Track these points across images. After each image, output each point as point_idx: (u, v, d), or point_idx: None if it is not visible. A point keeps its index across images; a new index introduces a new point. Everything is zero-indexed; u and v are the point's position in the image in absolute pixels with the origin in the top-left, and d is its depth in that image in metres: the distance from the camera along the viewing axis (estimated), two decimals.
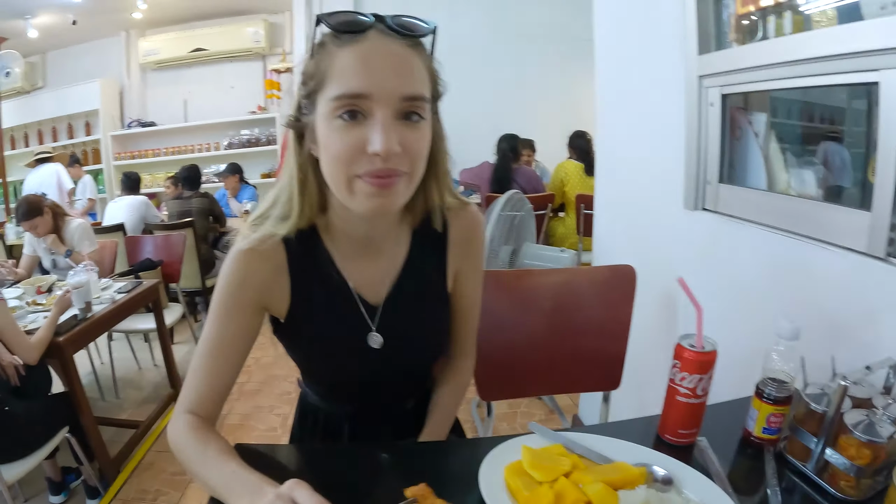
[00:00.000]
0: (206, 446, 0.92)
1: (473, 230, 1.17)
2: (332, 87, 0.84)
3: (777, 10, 1.43)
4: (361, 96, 0.82)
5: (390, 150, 0.81)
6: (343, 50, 0.84)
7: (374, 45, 0.84)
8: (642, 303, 1.77)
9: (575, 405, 3.14)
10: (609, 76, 2.42)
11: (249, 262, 0.99)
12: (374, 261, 1.08)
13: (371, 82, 0.82)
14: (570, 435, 1.02)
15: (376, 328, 1.08)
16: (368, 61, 0.83)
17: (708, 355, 1.01)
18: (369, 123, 0.83)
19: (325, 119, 0.86)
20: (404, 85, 0.84)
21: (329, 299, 1.06)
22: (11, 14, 6.23)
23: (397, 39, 0.85)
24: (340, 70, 0.83)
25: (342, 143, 0.84)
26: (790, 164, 1.59)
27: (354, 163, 0.84)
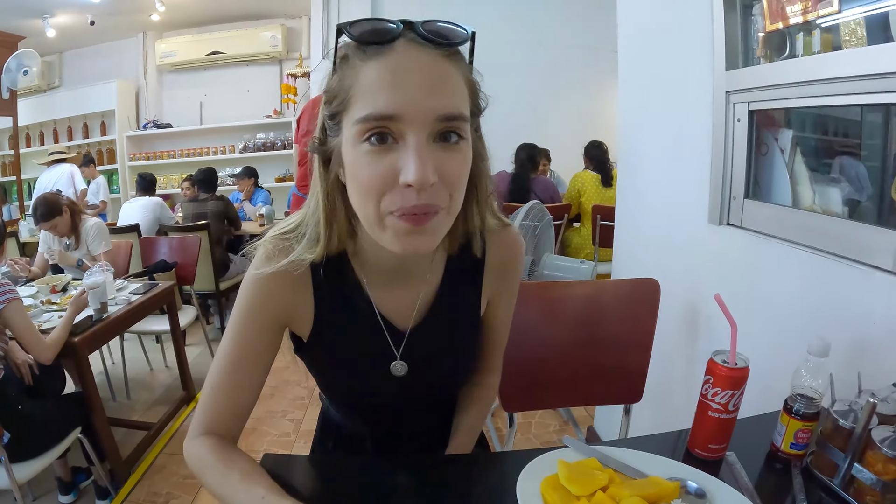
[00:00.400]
0: (231, 468, 0.89)
1: (514, 254, 1.09)
2: (358, 107, 0.74)
3: (806, 28, 1.43)
4: (391, 118, 0.72)
5: (425, 180, 0.71)
6: (368, 64, 0.74)
7: (404, 57, 0.73)
8: (663, 316, 1.78)
9: (590, 417, 3.13)
10: (633, 89, 2.42)
11: (273, 285, 0.93)
12: (404, 287, 1.01)
13: (401, 101, 0.72)
14: (603, 449, 1.02)
15: (401, 356, 1.02)
16: (397, 76, 0.72)
17: (741, 371, 1.01)
18: (401, 148, 0.73)
19: (351, 143, 0.77)
20: (440, 103, 0.73)
21: (353, 325, 1.00)
22: (30, 13, 6.30)
23: (430, 49, 0.74)
24: (366, 88, 0.74)
25: (370, 171, 0.74)
26: (815, 181, 1.58)
27: (385, 195, 0.75)
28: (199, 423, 0.97)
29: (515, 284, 1.15)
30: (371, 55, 0.74)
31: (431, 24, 0.75)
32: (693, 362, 1.95)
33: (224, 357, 0.96)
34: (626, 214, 2.58)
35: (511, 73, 6.20)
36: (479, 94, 0.84)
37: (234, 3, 6.95)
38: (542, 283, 1.79)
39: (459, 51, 0.79)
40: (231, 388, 0.97)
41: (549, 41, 6.67)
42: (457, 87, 0.77)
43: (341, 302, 0.98)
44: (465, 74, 0.79)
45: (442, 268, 1.04)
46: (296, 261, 0.90)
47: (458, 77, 0.77)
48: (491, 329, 1.18)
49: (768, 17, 1.55)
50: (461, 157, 0.78)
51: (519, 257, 1.11)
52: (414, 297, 1.02)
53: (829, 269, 1.34)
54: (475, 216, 0.95)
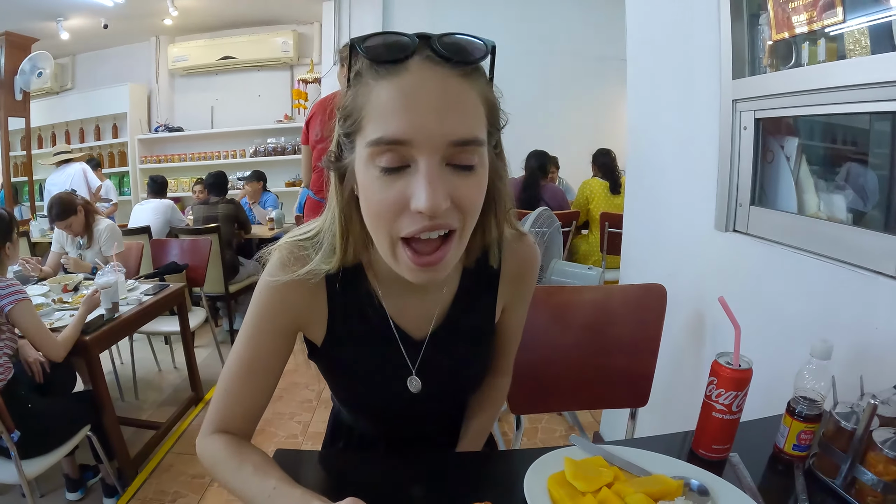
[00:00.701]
0: (243, 461, 0.90)
1: (530, 263, 1.09)
2: (370, 129, 0.72)
3: (811, 38, 1.45)
4: (402, 143, 0.70)
5: (437, 208, 0.70)
6: (380, 84, 0.71)
7: (417, 77, 0.70)
8: (669, 321, 1.79)
9: (596, 422, 3.14)
10: (641, 97, 2.45)
11: (288, 291, 0.92)
12: (420, 298, 1.00)
13: (413, 126, 0.69)
14: (609, 448, 1.03)
15: (417, 370, 1.02)
16: (409, 99, 0.70)
17: (744, 373, 1.03)
18: (412, 173, 0.72)
19: (363, 164, 0.75)
20: (453, 127, 0.71)
21: (368, 335, 0.99)
22: (44, 16, 6.35)
23: (446, 68, 0.71)
24: (377, 109, 0.72)
25: (381, 197, 0.73)
26: (820, 188, 1.60)
27: (396, 220, 0.74)
28: (212, 421, 0.99)
29: (530, 292, 1.15)
30: (384, 74, 0.72)
31: (449, 38, 0.72)
32: (699, 368, 1.96)
33: (237, 360, 0.97)
34: (634, 221, 2.60)
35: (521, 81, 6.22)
36: (498, 111, 0.81)
37: (246, 8, 7.00)
38: (550, 287, 1.80)
39: (479, 66, 0.76)
40: (244, 392, 0.98)
41: (558, 51, 6.69)
42: (472, 110, 0.74)
43: (356, 312, 0.98)
44: (483, 93, 0.76)
45: (458, 279, 1.03)
46: (313, 270, 0.90)
47: (475, 97, 0.74)
48: (504, 333, 1.18)
49: (774, 26, 1.57)
50: (475, 183, 0.76)
51: (535, 266, 1.11)
52: (429, 309, 1.02)
53: (833, 275, 1.35)
54: (493, 229, 0.94)
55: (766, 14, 1.60)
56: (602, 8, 6.18)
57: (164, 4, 6.39)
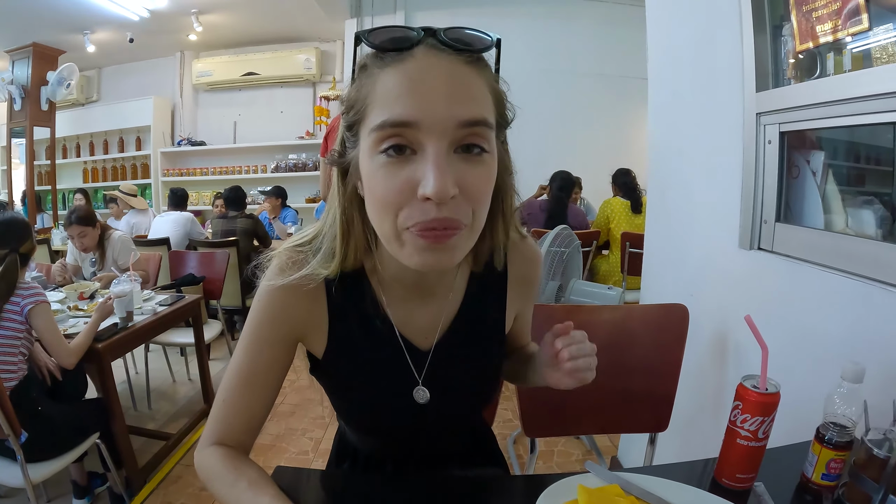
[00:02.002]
0: (239, 476, 0.87)
1: (534, 266, 1.08)
2: (374, 115, 0.71)
3: (837, 48, 1.41)
4: (408, 124, 0.68)
5: (444, 193, 0.67)
6: (386, 71, 0.71)
7: (423, 62, 0.70)
8: (691, 343, 1.73)
9: (614, 446, 3.06)
10: (662, 112, 2.41)
11: (285, 297, 0.90)
12: (425, 305, 0.98)
13: (419, 106, 0.68)
14: (626, 476, 0.98)
15: (423, 380, 0.98)
16: (416, 81, 0.69)
17: (772, 397, 0.97)
18: (419, 159, 0.70)
19: (367, 154, 0.73)
20: (461, 108, 0.69)
21: (372, 345, 0.96)
22: (71, 28, 6.53)
23: (452, 55, 0.71)
24: (382, 94, 0.70)
25: (387, 184, 0.71)
26: (848, 203, 1.55)
27: (402, 209, 0.71)
28: (210, 433, 0.96)
29: (537, 292, 1.13)
30: (389, 62, 0.71)
31: (454, 30, 0.72)
32: (721, 392, 1.89)
33: (235, 370, 0.95)
34: (656, 239, 2.54)
35: (542, 100, 6.22)
36: (505, 104, 0.80)
37: (269, 25, 7.14)
38: (569, 306, 1.76)
39: (484, 58, 0.75)
40: (242, 402, 0.95)
41: (580, 70, 6.70)
42: (480, 94, 0.72)
43: (358, 320, 0.95)
44: (491, 83, 0.75)
45: (464, 285, 1.01)
46: (309, 275, 0.88)
47: (482, 84, 0.73)
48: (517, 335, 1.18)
49: (798, 37, 1.53)
50: (485, 171, 0.73)
51: (539, 268, 1.10)
52: (436, 316, 0.99)
53: (864, 293, 1.29)
54: (500, 231, 0.91)
55: (789, 25, 1.56)
56: (623, 26, 6.18)
57: (188, 20, 6.54)
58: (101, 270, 3.65)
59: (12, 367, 2.14)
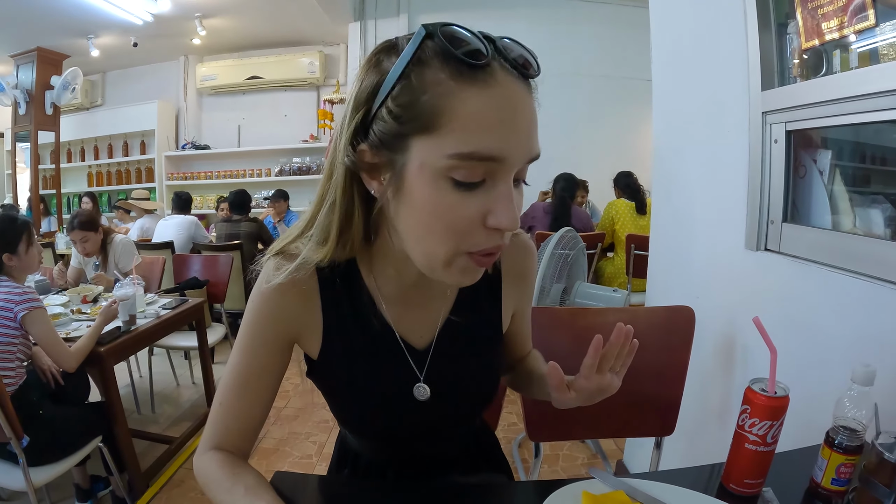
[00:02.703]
0: (236, 482, 0.86)
1: (526, 257, 1.06)
2: (454, 138, 0.65)
3: (843, 45, 1.39)
4: (496, 159, 0.66)
5: (517, 226, 0.69)
6: (468, 90, 0.65)
7: (507, 90, 0.67)
8: (698, 346, 1.71)
9: (620, 450, 3.04)
10: (667, 113, 2.39)
11: (279, 296, 0.89)
12: (421, 302, 0.96)
13: (510, 143, 0.66)
14: (632, 482, 0.96)
15: (423, 377, 0.97)
16: (507, 114, 0.66)
17: (781, 401, 0.95)
18: (489, 190, 0.68)
19: (429, 174, 0.68)
20: (535, 145, 0.70)
21: (369, 345, 0.94)
22: (75, 33, 6.56)
23: (520, 82, 0.69)
24: (470, 119, 0.65)
25: (457, 213, 0.68)
26: (856, 203, 1.53)
27: (467, 236, 0.70)
28: (208, 438, 0.95)
29: (533, 287, 1.12)
30: (467, 77, 0.65)
31: (518, 52, 0.70)
32: (728, 395, 1.87)
33: (231, 373, 0.94)
34: (661, 240, 2.52)
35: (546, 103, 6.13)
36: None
37: (273, 29, 7.16)
38: (574, 309, 1.74)
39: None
40: (239, 405, 0.94)
41: (584, 73, 6.68)
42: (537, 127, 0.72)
43: (353, 318, 0.94)
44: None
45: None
46: (302, 264, 0.84)
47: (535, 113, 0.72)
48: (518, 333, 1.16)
49: (804, 34, 1.51)
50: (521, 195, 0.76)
51: (533, 260, 1.08)
52: (432, 314, 0.98)
53: (874, 294, 1.27)
54: None
55: (794, 22, 1.55)
56: (627, 28, 6.16)
57: (192, 24, 6.58)
58: (105, 272, 3.64)
59: (10, 373, 2.13)
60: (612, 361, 0.90)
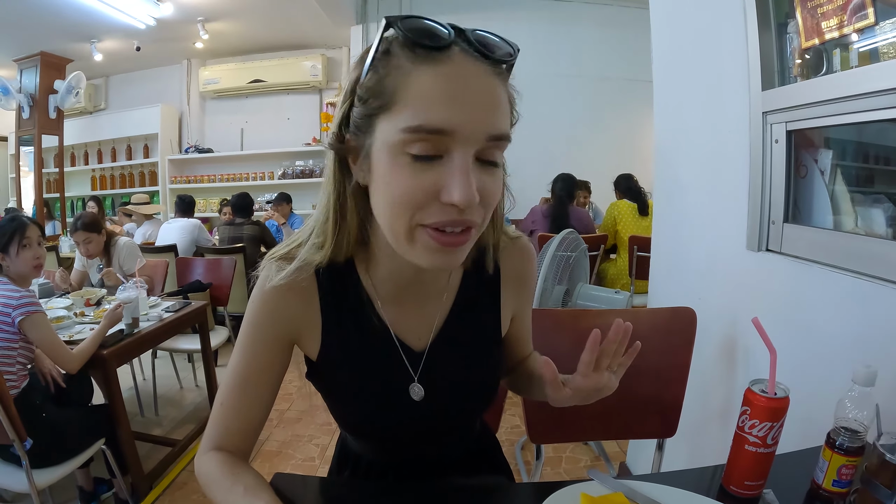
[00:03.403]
0: (236, 482, 0.86)
1: (528, 262, 1.07)
2: (406, 114, 0.69)
3: (843, 44, 1.39)
4: (443, 132, 0.68)
5: (471, 201, 0.69)
6: (421, 69, 0.69)
7: (461, 68, 0.70)
8: (699, 347, 1.71)
9: (623, 452, 3.03)
10: (668, 114, 2.39)
11: (278, 298, 0.90)
12: (419, 303, 0.97)
13: (459, 116, 0.68)
14: (631, 483, 0.96)
15: (418, 377, 0.97)
16: (455, 87, 0.69)
17: (781, 402, 0.94)
18: (446, 165, 0.70)
19: (388, 150, 0.71)
20: (492, 122, 0.71)
21: (366, 345, 0.96)
22: (78, 37, 6.57)
23: (483, 63, 0.71)
24: (418, 95, 0.69)
25: (411, 185, 0.70)
26: (857, 203, 1.52)
27: (422, 209, 0.71)
28: (209, 438, 0.96)
29: (534, 291, 1.12)
30: (423, 59, 0.69)
31: (483, 36, 0.72)
32: (730, 396, 1.87)
33: (232, 374, 0.95)
34: (663, 242, 2.52)
35: (547, 105, 6.21)
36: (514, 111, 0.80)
37: (275, 33, 7.17)
38: (576, 311, 1.74)
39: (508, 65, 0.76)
40: (239, 405, 0.95)
41: (585, 74, 6.69)
42: (505, 107, 0.74)
43: (351, 319, 0.95)
44: (508, 91, 0.76)
45: (458, 281, 1.01)
46: (302, 266, 0.88)
47: (505, 96, 0.74)
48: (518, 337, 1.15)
49: (804, 34, 1.50)
50: (498, 180, 0.75)
51: (533, 265, 1.09)
52: (429, 316, 0.99)
53: (875, 294, 1.26)
54: (490, 230, 0.93)
55: (794, 22, 1.55)
56: (627, 29, 6.14)
57: (195, 28, 6.58)
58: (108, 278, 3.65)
59: (12, 376, 2.13)
60: (609, 359, 0.90)
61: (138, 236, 5.68)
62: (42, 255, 2.41)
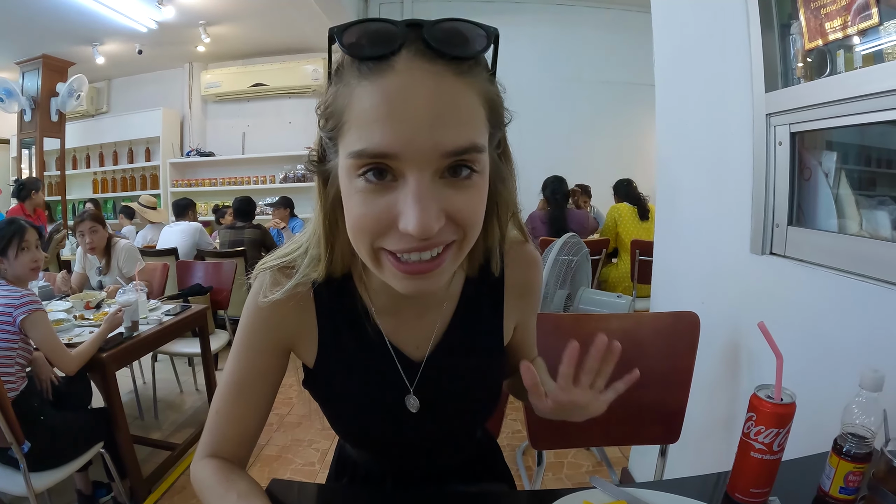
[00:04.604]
0: (230, 489, 0.85)
1: (534, 272, 1.03)
2: (350, 138, 0.64)
3: (846, 45, 1.38)
4: (386, 156, 0.61)
5: (427, 230, 0.61)
6: (362, 85, 0.62)
7: (406, 79, 0.61)
8: (703, 352, 1.69)
9: (625, 458, 3.01)
10: (670, 117, 2.37)
11: (274, 307, 0.87)
12: (417, 313, 0.94)
13: (398, 136, 0.60)
14: (634, 491, 0.95)
15: (415, 389, 0.95)
16: (395, 106, 0.61)
17: (787, 408, 0.93)
18: (400, 188, 0.63)
19: (345, 174, 0.67)
20: (446, 136, 0.61)
21: (362, 355, 0.93)
22: (80, 40, 6.58)
23: (440, 64, 0.62)
24: (359, 115, 0.63)
25: (363, 212, 0.65)
26: (862, 205, 1.51)
27: (382, 236, 0.66)
28: (205, 445, 0.95)
29: (539, 301, 1.08)
30: (366, 73, 0.62)
31: (444, 25, 0.63)
32: (734, 401, 1.85)
33: (227, 380, 0.93)
34: (665, 245, 2.50)
35: (549, 109, 6.21)
36: (500, 109, 0.71)
37: (277, 36, 7.19)
38: (578, 315, 1.73)
39: (479, 58, 0.67)
40: (235, 412, 0.94)
41: (587, 78, 6.69)
42: (469, 114, 0.64)
43: (348, 328, 0.93)
44: (484, 91, 0.67)
45: (459, 292, 0.97)
46: (301, 281, 0.86)
47: (473, 98, 0.65)
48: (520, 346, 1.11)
49: (807, 35, 1.49)
50: (475, 194, 0.67)
51: (539, 274, 1.05)
52: (428, 325, 0.96)
53: (882, 297, 1.25)
54: (494, 233, 0.87)
55: (797, 23, 1.53)
56: (629, 32, 6.16)
57: (197, 31, 6.60)
58: (107, 275, 3.66)
59: (10, 378, 2.12)
60: (592, 377, 0.87)
61: (139, 239, 5.68)
62: (40, 259, 2.41)
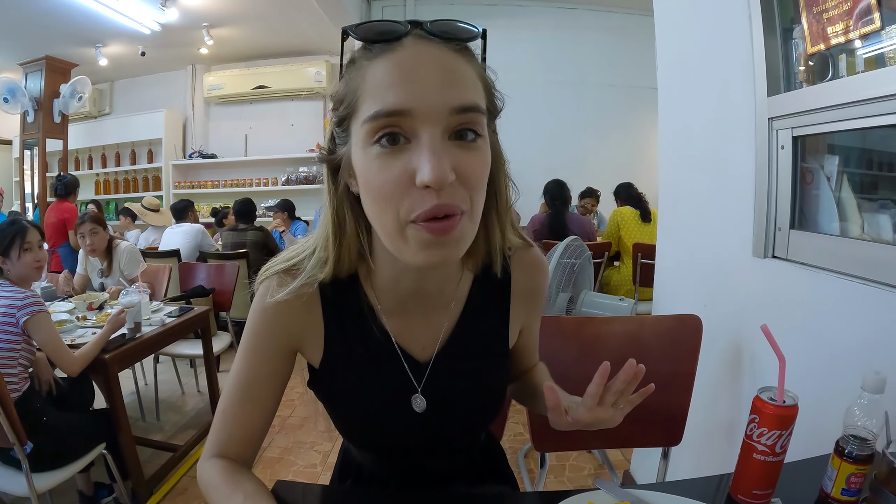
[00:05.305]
0: (236, 489, 0.86)
1: (538, 275, 1.04)
2: (366, 106, 0.70)
3: (849, 49, 1.38)
4: (401, 113, 0.68)
5: (443, 178, 0.66)
6: (375, 62, 0.71)
7: (413, 50, 0.70)
8: (705, 355, 1.70)
9: (627, 460, 3.01)
10: (673, 120, 2.38)
11: (280, 308, 0.89)
12: (424, 313, 0.96)
13: (411, 94, 0.68)
14: (638, 493, 0.95)
15: (422, 389, 0.96)
16: (406, 69, 0.69)
17: (789, 410, 0.93)
18: (414, 147, 0.69)
19: (361, 148, 0.73)
20: (454, 94, 0.69)
21: (369, 355, 0.94)
22: (83, 42, 6.62)
23: (440, 44, 0.71)
24: (373, 85, 0.70)
25: (384, 174, 0.70)
26: (864, 209, 1.51)
27: (403, 200, 0.70)
28: (211, 445, 0.96)
29: (544, 304, 1.10)
30: (378, 53, 0.71)
31: (440, 21, 0.72)
32: (736, 404, 1.85)
33: (234, 381, 0.94)
34: (668, 248, 2.50)
35: (552, 112, 6.22)
36: (494, 93, 0.80)
37: (280, 39, 7.21)
38: (580, 318, 1.73)
39: (470, 48, 0.76)
40: (241, 413, 0.95)
41: (590, 82, 6.70)
42: (470, 80, 0.73)
43: (354, 328, 0.94)
44: (479, 71, 0.76)
45: (466, 289, 0.98)
46: (307, 282, 0.87)
47: (472, 71, 0.74)
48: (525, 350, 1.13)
49: (809, 39, 1.50)
50: (480, 156, 0.73)
51: (545, 279, 1.07)
52: (435, 326, 0.97)
53: (883, 300, 1.25)
54: (496, 229, 0.89)
55: (799, 27, 1.54)
56: (632, 36, 6.19)
57: (199, 34, 6.62)
58: (109, 277, 3.67)
59: (13, 379, 2.13)
60: (616, 397, 0.90)
61: (142, 241, 5.68)
62: (43, 259, 2.42)
